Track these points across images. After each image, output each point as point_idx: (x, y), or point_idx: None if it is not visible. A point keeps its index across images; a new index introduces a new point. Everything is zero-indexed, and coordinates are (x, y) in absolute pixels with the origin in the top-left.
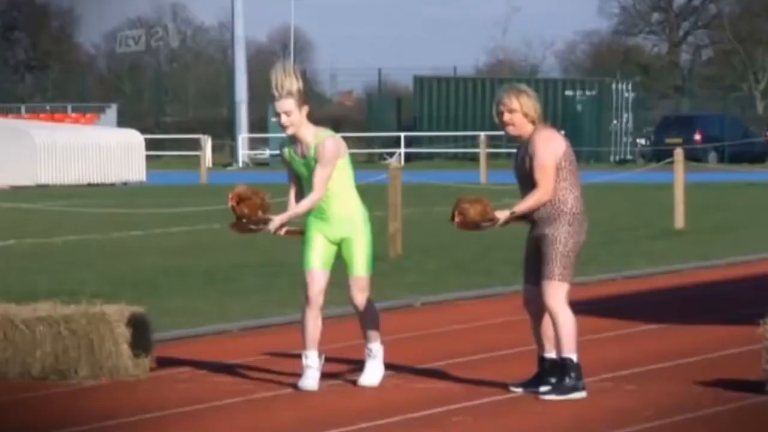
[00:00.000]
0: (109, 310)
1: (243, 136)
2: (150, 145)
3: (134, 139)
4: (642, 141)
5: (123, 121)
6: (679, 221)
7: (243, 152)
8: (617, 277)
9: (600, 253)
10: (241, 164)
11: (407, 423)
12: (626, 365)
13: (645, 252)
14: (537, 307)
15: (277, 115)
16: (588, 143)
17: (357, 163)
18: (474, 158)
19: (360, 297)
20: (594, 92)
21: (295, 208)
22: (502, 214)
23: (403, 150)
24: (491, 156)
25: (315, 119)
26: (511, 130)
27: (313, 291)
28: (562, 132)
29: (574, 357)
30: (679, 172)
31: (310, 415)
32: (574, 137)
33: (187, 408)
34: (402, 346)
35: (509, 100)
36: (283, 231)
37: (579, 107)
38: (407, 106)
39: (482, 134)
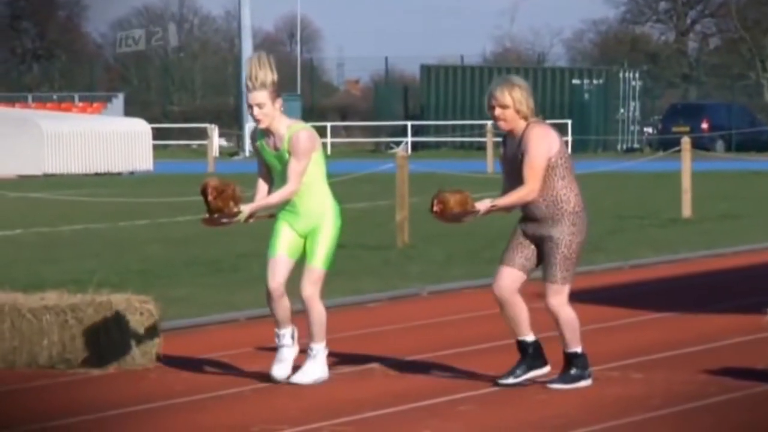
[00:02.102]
0: (115, 299)
1: (250, 126)
2: (157, 134)
3: (141, 128)
4: (649, 129)
5: (130, 111)
6: (686, 210)
7: (250, 141)
8: (624, 266)
9: (607, 241)
10: (248, 153)
11: (413, 412)
12: (633, 354)
13: (652, 241)
14: (509, 291)
15: (250, 107)
16: (595, 132)
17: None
18: (481, 147)
19: (309, 289)
20: (601, 81)
21: (266, 199)
22: (482, 206)
23: (409, 139)
24: (498, 145)
25: (320, 108)
26: (503, 125)
27: (273, 281)
28: (569, 122)
29: (579, 349)
30: (686, 160)
31: (314, 404)
32: (581, 126)
33: (194, 397)
34: (409, 335)
35: (501, 95)
36: (251, 218)
37: (586, 96)
38: (414, 95)
39: (489, 123)
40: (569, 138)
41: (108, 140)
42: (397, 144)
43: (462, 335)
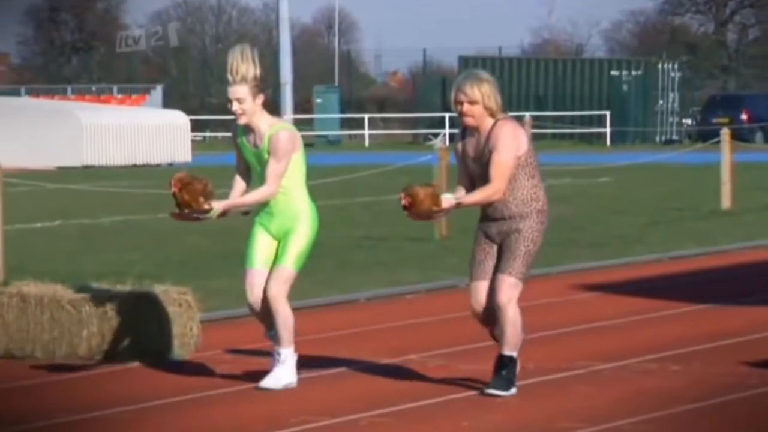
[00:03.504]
0: (155, 290)
1: (288, 117)
2: (195, 126)
3: (179, 120)
4: (688, 121)
5: (168, 102)
6: (726, 201)
7: None
8: (664, 258)
9: (646, 233)
10: None
11: (452, 403)
12: (671, 346)
13: (691, 232)
14: (488, 310)
15: (230, 101)
16: (634, 123)
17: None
18: None
19: (274, 288)
20: (640, 72)
21: (241, 198)
22: (447, 203)
23: (448, 130)
24: (535, 136)
25: (358, 100)
26: (470, 122)
27: (252, 297)
28: (607, 113)
29: (515, 354)
30: (725, 152)
31: (352, 395)
32: (619, 118)
33: (233, 388)
34: (448, 326)
35: (471, 90)
36: (224, 215)
37: (625, 87)
38: (452, 86)
39: (527, 114)
40: (608, 130)
41: (146, 132)
42: (435, 135)
43: None
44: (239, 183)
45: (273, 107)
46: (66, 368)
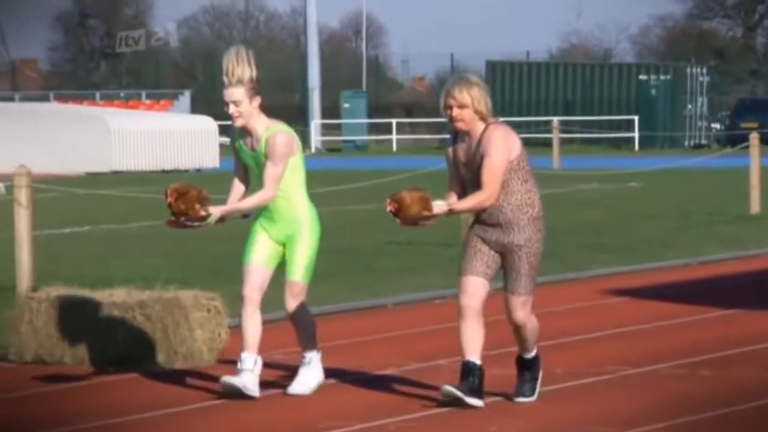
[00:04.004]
0: (183, 295)
1: (315, 122)
2: (223, 131)
3: (208, 125)
4: (717, 125)
5: (196, 108)
6: (755, 206)
7: (315, 138)
8: (692, 262)
9: (675, 238)
10: (313, 150)
11: (483, 408)
12: (701, 351)
13: (720, 237)
14: (478, 302)
15: (226, 104)
16: (662, 128)
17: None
18: (547, 143)
19: (291, 303)
20: (668, 77)
21: (238, 204)
22: (438, 209)
23: None
24: (564, 141)
25: (385, 105)
26: (461, 126)
27: (247, 287)
28: (636, 118)
29: (536, 352)
30: (755, 156)
31: (381, 401)
32: (648, 122)
33: (261, 393)
34: None
35: (460, 94)
36: (222, 221)
37: (653, 92)
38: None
39: (555, 119)
40: (636, 134)
41: (175, 137)
42: None
43: None
44: (237, 187)
45: (301, 112)
46: (95, 373)
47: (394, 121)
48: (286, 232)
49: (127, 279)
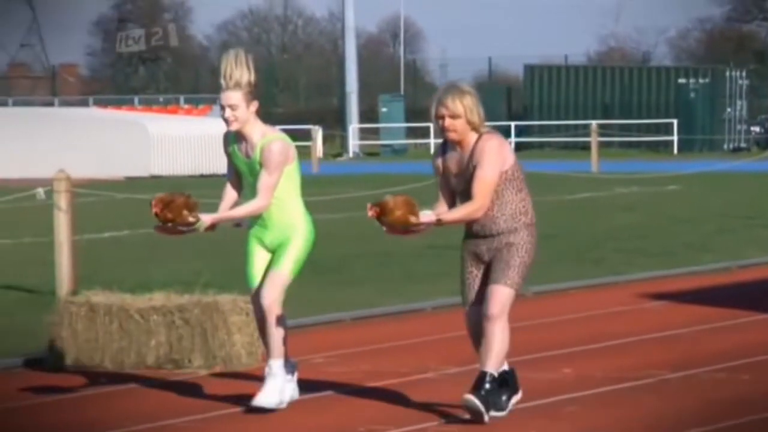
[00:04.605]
0: (222, 299)
1: (353, 126)
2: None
3: None
4: (756, 129)
5: None
6: None
7: (353, 142)
8: (732, 266)
9: (714, 242)
10: (351, 154)
11: (519, 412)
12: (741, 355)
13: (760, 240)
14: (480, 330)
15: (222, 108)
16: (701, 131)
17: None
18: (585, 147)
19: (271, 294)
20: (707, 80)
21: (230, 212)
22: (426, 218)
23: (513, 139)
24: (603, 145)
25: (423, 109)
26: (453, 136)
27: (259, 314)
28: (675, 121)
29: (496, 373)
30: None
31: (420, 405)
32: (687, 125)
33: (299, 397)
34: (514, 335)
35: (453, 103)
36: (212, 228)
37: (692, 95)
38: (517, 95)
39: (594, 123)
40: (675, 138)
41: (213, 142)
42: None
43: (567, 336)
44: (230, 193)
45: (339, 116)
46: (134, 377)
47: (431, 125)
48: (280, 239)
49: (166, 283)
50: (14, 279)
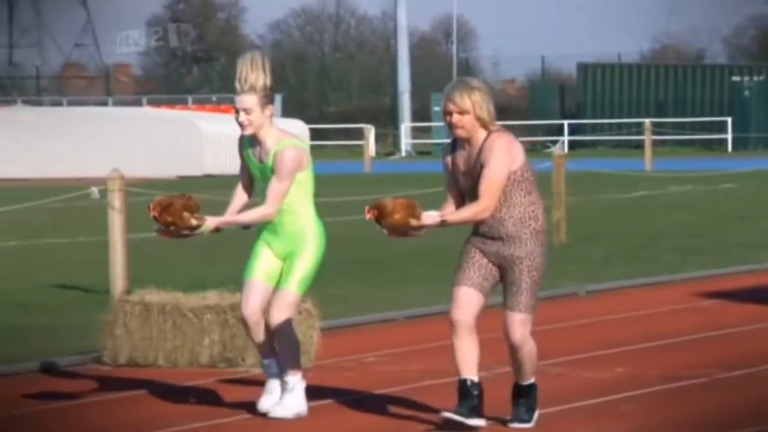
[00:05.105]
0: None
1: (406, 125)
2: (314, 134)
3: (299, 129)
4: None
5: (288, 111)
6: None
7: (406, 141)
8: None
9: None
10: (404, 153)
11: (574, 412)
12: None
13: None
14: (471, 316)
15: (236, 111)
16: (756, 129)
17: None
18: (639, 146)
19: (277, 315)
20: (762, 77)
21: (236, 216)
22: (430, 219)
23: (566, 138)
24: (656, 143)
25: None
26: (461, 133)
27: (246, 309)
28: (729, 119)
29: (533, 380)
30: None
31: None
32: (741, 123)
33: (354, 396)
34: (567, 334)
35: (461, 99)
36: (218, 230)
37: (746, 93)
38: (571, 93)
39: (647, 121)
40: (729, 136)
41: None
42: (554, 143)
43: (621, 335)
44: (239, 196)
45: (391, 115)
46: (188, 376)
47: None
48: (290, 248)
49: (220, 282)
50: (69, 278)
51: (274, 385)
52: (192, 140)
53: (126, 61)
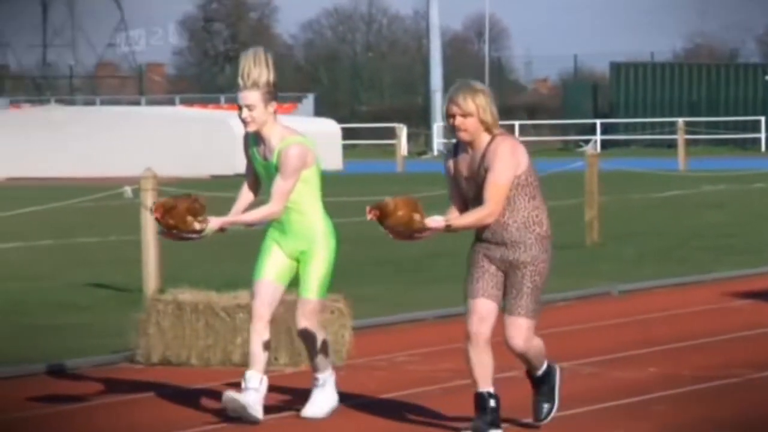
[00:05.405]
0: None
1: (438, 125)
2: (346, 134)
3: (331, 128)
4: None
5: (320, 111)
6: None
7: (438, 140)
8: None
9: None
10: (435, 152)
11: (606, 412)
12: None
13: None
14: (488, 328)
15: (239, 108)
16: None
17: (552, 150)
18: (671, 145)
19: (303, 322)
20: None
21: (241, 216)
22: (434, 223)
23: (599, 137)
24: (689, 142)
25: (509, 107)
26: (464, 136)
27: (256, 303)
28: (762, 119)
29: (545, 366)
30: None
31: (506, 403)
32: None
33: (385, 396)
34: (599, 334)
35: (464, 101)
36: (223, 231)
37: None
38: (603, 92)
39: (680, 120)
40: (762, 135)
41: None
42: (586, 142)
43: (653, 335)
44: (245, 195)
45: (424, 114)
46: (220, 375)
47: (516, 123)
48: (300, 247)
49: (252, 281)
50: (102, 277)
51: (249, 395)
52: (224, 139)
53: (159, 60)
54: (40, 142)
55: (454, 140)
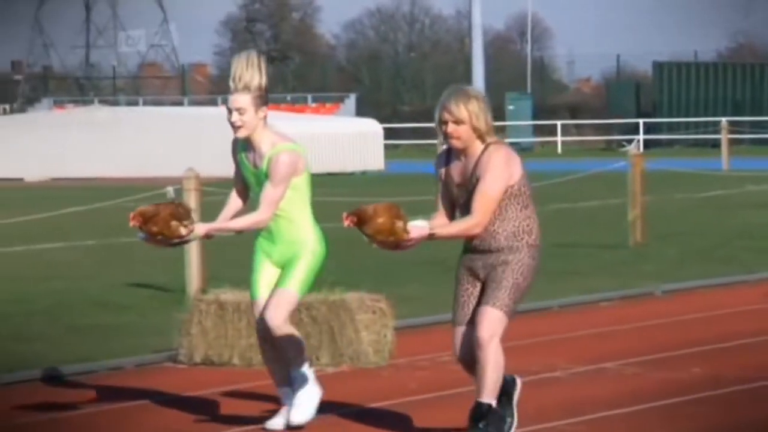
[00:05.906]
0: (349, 297)
1: None
2: (388, 134)
3: (373, 128)
4: None
5: (362, 111)
6: None
7: None
8: None
9: None
10: None
11: (646, 412)
12: None
13: None
14: (472, 353)
15: (229, 111)
16: None
17: (595, 150)
18: (715, 145)
19: (275, 312)
20: None
21: (228, 223)
22: (417, 231)
23: (641, 137)
24: (733, 142)
25: (551, 106)
26: (456, 144)
27: (256, 323)
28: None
29: (494, 403)
30: None
31: (548, 403)
32: None
33: (428, 395)
34: (643, 334)
35: (456, 108)
36: (210, 237)
37: None
38: (646, 92)
39: (724, 120)
40: None
41: (340, 140)
42: (629, 142)
43: (697, 335)
44: (233, 201)
45: None
46: (262, 375)
47: (559, 122)
48: (288, 254)
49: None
50: (145, 277)
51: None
52: None
53: (202, 60)
54: (83, 142)
55: (445, 146)
